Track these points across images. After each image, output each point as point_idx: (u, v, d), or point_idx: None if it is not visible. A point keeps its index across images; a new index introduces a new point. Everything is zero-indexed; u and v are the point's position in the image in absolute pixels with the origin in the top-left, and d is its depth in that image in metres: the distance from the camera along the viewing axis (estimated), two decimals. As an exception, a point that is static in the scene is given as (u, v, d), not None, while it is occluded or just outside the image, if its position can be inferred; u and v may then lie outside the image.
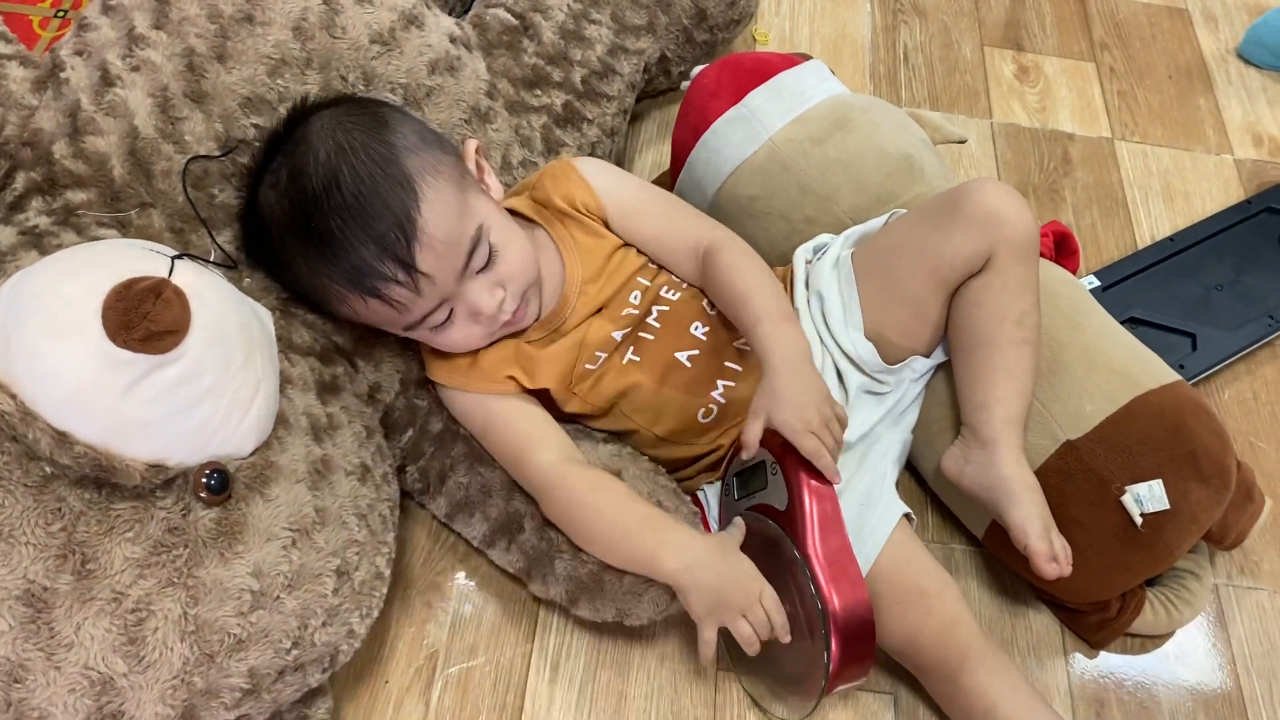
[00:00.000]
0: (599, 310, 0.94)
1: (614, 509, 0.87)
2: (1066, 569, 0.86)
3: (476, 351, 0.93)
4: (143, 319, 0.69)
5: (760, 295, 0.90)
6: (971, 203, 0.89)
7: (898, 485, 0.96)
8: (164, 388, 0.70)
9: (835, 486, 0.85)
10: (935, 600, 0.88)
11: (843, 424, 0.85)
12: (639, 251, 0.98)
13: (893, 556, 0.89)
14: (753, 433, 0.83)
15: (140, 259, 0.74)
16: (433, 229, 0.83)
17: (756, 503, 0.88)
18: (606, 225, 0.98)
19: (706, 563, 0.83)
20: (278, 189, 0.86)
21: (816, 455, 0.82)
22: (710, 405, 0.94)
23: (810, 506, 0.83)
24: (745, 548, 0.86)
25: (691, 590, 0.83)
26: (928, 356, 0.96)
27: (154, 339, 0.69)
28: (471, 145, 0.95)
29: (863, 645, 0.82)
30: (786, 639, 0.82)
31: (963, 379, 0.93)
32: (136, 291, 0.69)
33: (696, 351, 0.94)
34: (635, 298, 0.95)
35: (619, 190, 0.99)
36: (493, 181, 0.96)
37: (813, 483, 0.84)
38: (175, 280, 0.73)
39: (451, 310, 0.88)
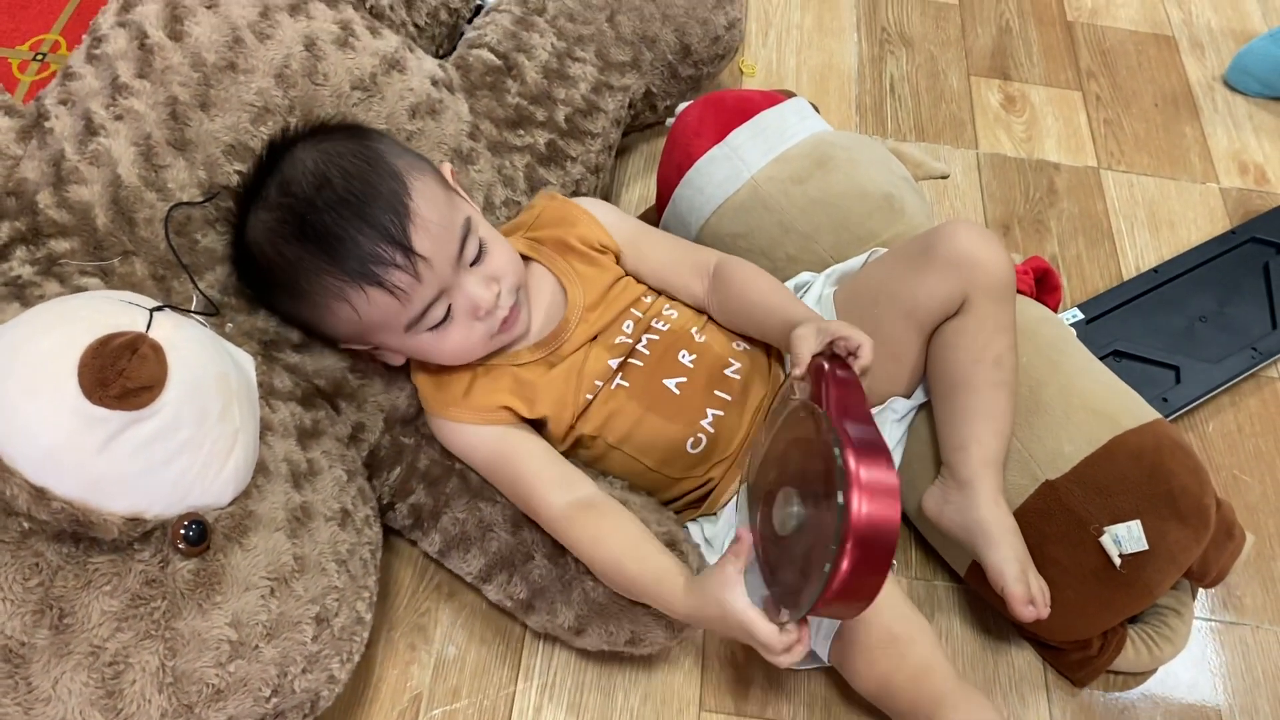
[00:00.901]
0: (595, 337, 0.95)
1: (621, 554, 0.86)
2: (1044, 611, 0.86)
3: (472, 381, 0.93)
4: (119, 376, 0.69)
5: (775, 293, 0.94)
6: (945, 246, 0.89)
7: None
8: (141, 442, 0.71)
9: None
10: (907, 647, 0.87)
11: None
12: (638, 281, 1.00)
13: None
14: (805, 352, 0.80)
15: (118, 312, 0.75)
16: (425, 212, 0.84)
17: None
18: (617, 260, 0.99)
19: (720, 621, 0.80)
20: (267, 204, 0.87)
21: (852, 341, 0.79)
22: (699, 435, 0.94)
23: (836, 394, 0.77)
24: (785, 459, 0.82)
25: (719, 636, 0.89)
26: (908, 398, 0.97)
27: (130, 395, 0.70)
28: (447, 167, 0.97)
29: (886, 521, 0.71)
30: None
31: (941, 420, 0.93)
32: (112, 348, 0.70)
33: (684, 379, 0.95)
34: (628, 326, 0.96)
35: (624, 224, 1.02)
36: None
37: (838, 372, 0.79)
38: (153, 333, 0.74)
39: (450, 307, 0.88)
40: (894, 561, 0.90)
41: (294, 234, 0.84)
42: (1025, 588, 0.86)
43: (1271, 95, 1.53)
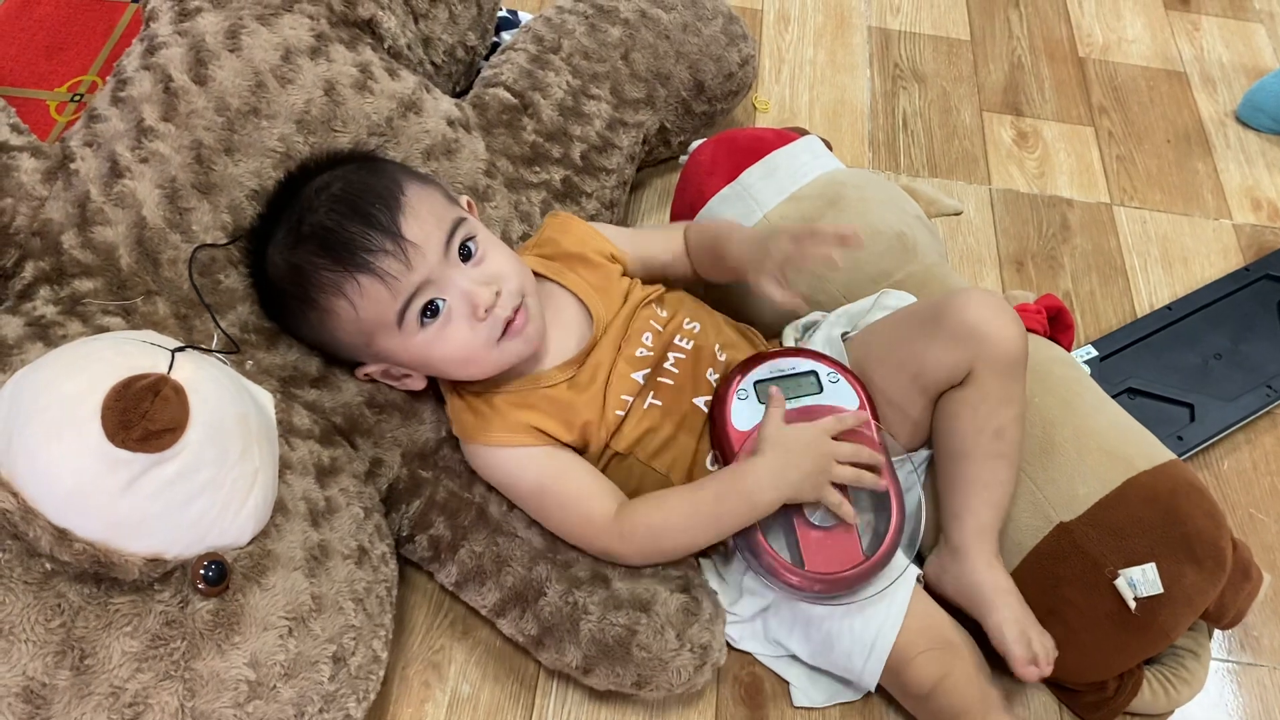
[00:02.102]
0: (619, 349, 0.96)
1: (688, 514, 0.90)
2: (1046, 670, 0.87)
3: (509, 406, 0.93)
4: (141, 418, 0.71)
5: (723, 228, 1.01)
6: (954, 316, 0.89)
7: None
8: (162, 484, 0.72)
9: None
10: (962, 649, 0.90)
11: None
12: (645, 283, 1.02)
13: (917, 612, 0.90)
14: (773, 289, 0.93)
15: (140, 354, 0.76)
16: (416, 203, 0.87)
17: (807, 405, 0.94)
18: (624, 271, 1.01)
19: (783, 467, 0.87)
20: (280, 228, 0.90)
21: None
22: (717, 451, 0.95)
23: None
24: None
25: (796, 491, 0.87)
26: (914, 450, 0.97)
27: (152, 438, 0.71)
28: (464, 199, 0.98)
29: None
30: (881, 482, 0.89)
31: (941, 485, 0.94)
32: (135, 390, 0.71)
33: (710, 397, 0.96)
34: (648, 339, 0.97)
35: (621, 234, 1.05)
36: None
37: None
38: (175, 374, 0.75)
39: (445, 304, 0.88)
40: (923, 577, 0.94)
41: (296, 239, 0.87)
42: (1026, 649, 0.87)
43: (1284, 131, 1.54)
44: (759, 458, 0.88)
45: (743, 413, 0.93)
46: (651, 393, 0.95)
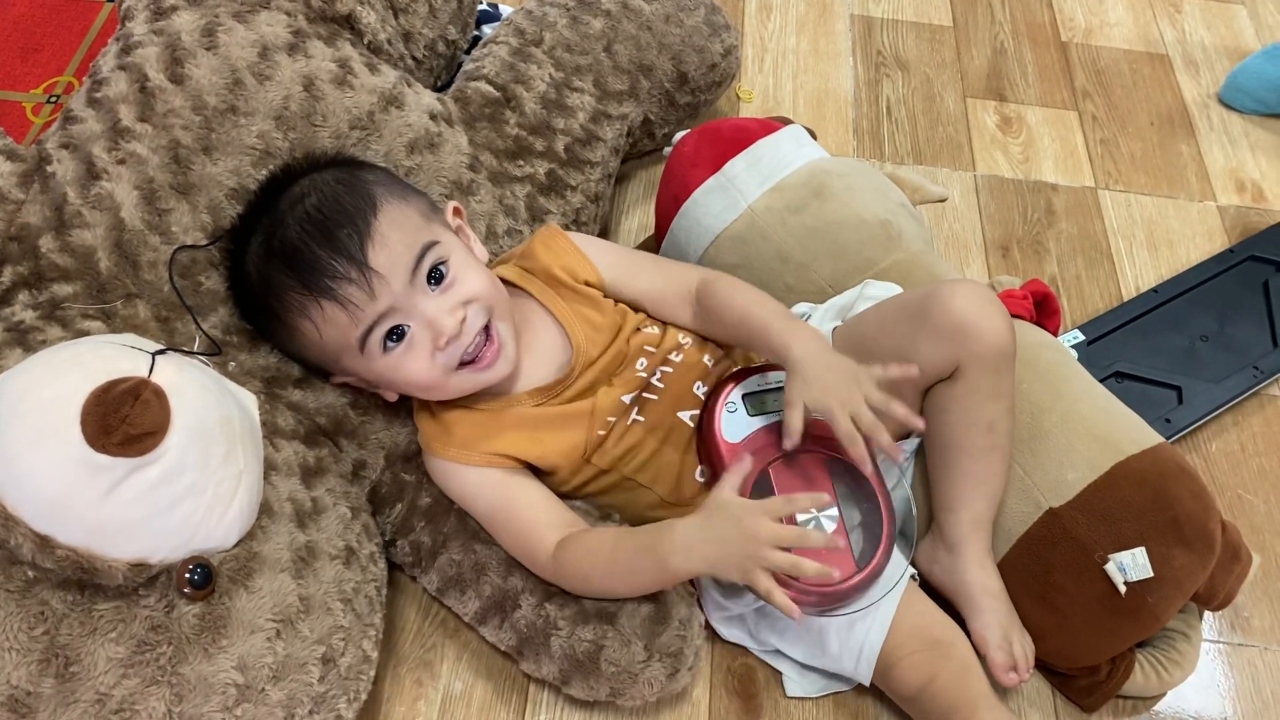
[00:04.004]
0: (610, 380, 0.95)
1: (607, 564, 0.86)
2: (1025, 675, 0.88)
3: (475, 422, 0.92)
4: (121, 422, 0.70)
5: (761, 305, 0.93)
6: (940, 311, 0.88)
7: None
8: (145, 488, 0.71)
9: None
10: (949, 648, 0.89)
11: (892, 376, 0.85)
12: (634, 310, 1.00)
13: (908, 611, 0.90)
14: (796, 423, 0.84)
15: (120, 358, 0.75)
16: (387, 229, 0.86)
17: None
18: (604, 293, 0.99)
19: (703, 540, 0.81)
20: (257, 234, 0.89)
21: (849, 439, 0.82)
22: (705, 465, 0.94)
23: None
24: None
25: (713, 568, 0.82)
26: (903, 439, 0.97)
27: (133, 442, 0.70)
28: (451, 205, 0.97)
29: None
30: (811, 568, 0.79)
31: (934, 478, 0.94)
32: (115, 395, 0.71)
33: (699, 411, 0.95)
34: (642, 364, 0.95)
35: (607, 256, 1.01)
36: (477, 248, 0.97)
37: None
38: (155, 377, 0.74)
39: (410, 330, 0.87)
40: (916, 575, 0.94)
41: (267, 252, 0.87)
42: (1007, 655, 0.88)
43: (1266, 112, 1.54)
44: (687, 520, 0.82)
45: (732, 425, 0.92)
46: (636, 409, 0.94)
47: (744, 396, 0.94)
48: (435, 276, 0.87)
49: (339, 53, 1.03)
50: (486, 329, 0.89)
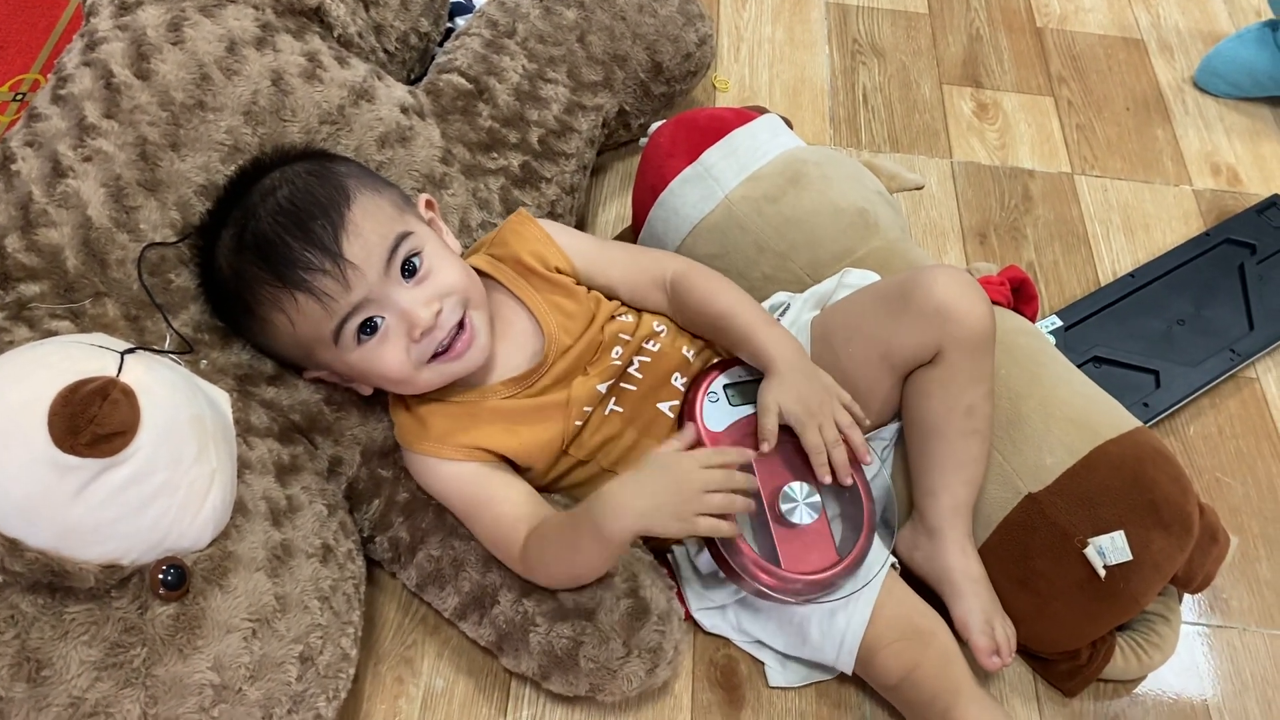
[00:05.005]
0: (583, 370, 0.94)
1: (556, 545, 0.85)
2: (1008, 659, 0.88)
3: (451, 416, 0.91)
4: (89, 423, 0.69)
5: (741, 308, 0.94)
6: (920, 295, 0.88)
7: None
8: (114, 489, 0.70)
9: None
10: (930, 637, 0.89)
11: (854, 414, 0.89)
12: (609, 298, 0.99)
13: (888, 600, 0.90)
14: (771, 425, 0.87)
15: (88, 357, 0.74)
16: (361, 220, 0.85)
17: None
18: (576, 280, 0.98)
19: (633, 494, 0.80)
20: (228, 227, 0.88)
21: (815, 451, 0.86)
22: None
23: None
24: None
25: (647, 524, 0.80)
26: (882, 425, 0.97)
27: (102, 442, 0.69)
28: (423, 198, 0.97)
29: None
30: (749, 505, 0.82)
31: (914, 463, 0.94)
32: (83, 395, 0.70)
33: (677, 402, 0.95)
34: (617, 352, 0.95)
35: (578, 243, 1.01)
36: (451, 241, 0.96)
37: None
38: (124, 377, 0.73)
39: (384, 321, 0.86)
40: (897, 564, 0.94)
41: (239, 245, 0.86)
42: (989, 639, 0.88)
43: (1241, 96, 1.54)
44: (614, 482, 0.82)
45: (714, 414, 0.92)
46: (613, 399, 0.94)
47: (726, 386, 0.94)
48: (409, 268, 0.87)
49: (308, 46, 1.02)
50: (461, 321, 0.89)
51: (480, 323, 0.90)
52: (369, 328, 0.86)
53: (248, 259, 0.85)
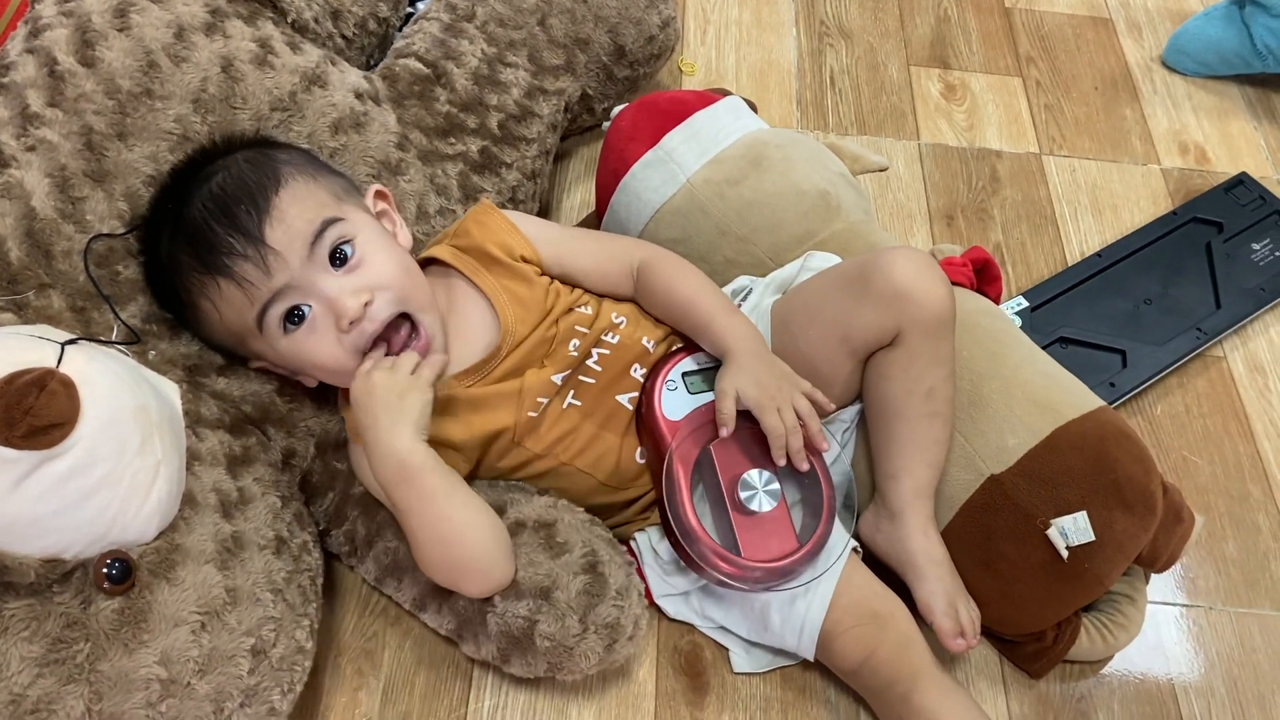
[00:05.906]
0: (539, 362, 0.93)
1: (405, 531, 0.86)
2: (973, 642, 0.88)
3: None
4: (25, 414, 0.67)
5: (703, 296, 0.94)
6: (881, 278, 0.87)
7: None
8: (54, 482, 0.69)
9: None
10: (888, 620, 0.89)
11: (815, 401, 0.88)
12: (572, 288, 0.98)
13: (847, 585, 0.89)
14: (729, 410, 0.87)
15: (26, 349, 0.73)
16: (287, 205, 0.84)
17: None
18: (541, 270, 0.97)
19: (369, 430, 0.83)
20: (167, 218, 0.87)
21: (773, 434, 0.86)
22: (646, 444, 0.93)
23: None
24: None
25: (389, 431, 0.82)
26: (844, 407, 0.96)
27: (39, 434, 0.68)
28: (372, 188, 0.95)
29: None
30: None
31: (875, 446, 0.93)
32: (18, 386, 0.68)
33: (637, 394, 0.94)
34: (574, 345, 0.94)
35: (545, 232, 0.99)
36: (402, 233, 0.95)
37: None
38: (64, 368, 0.72)
39: (311, 310, 0.85)
40: (859, 548, 0.93)
41: (174, 235, 0.85)
42: (953, 621, 0.88)
43: (1209, 74, 1.54)
44: (352, 417, 0.85)
45: (672, 403, 0.92)
46: (571, 392, 0.93)
47: (684, 375, 0.93)
48: (340, 256, 0.85)
49: (259, 32, 1.00)
50: (414, 325, 0.88)
51: (434, 326, 0.89)
52: (295, 316, 0.85)
53: (179, 247, 0.85)
